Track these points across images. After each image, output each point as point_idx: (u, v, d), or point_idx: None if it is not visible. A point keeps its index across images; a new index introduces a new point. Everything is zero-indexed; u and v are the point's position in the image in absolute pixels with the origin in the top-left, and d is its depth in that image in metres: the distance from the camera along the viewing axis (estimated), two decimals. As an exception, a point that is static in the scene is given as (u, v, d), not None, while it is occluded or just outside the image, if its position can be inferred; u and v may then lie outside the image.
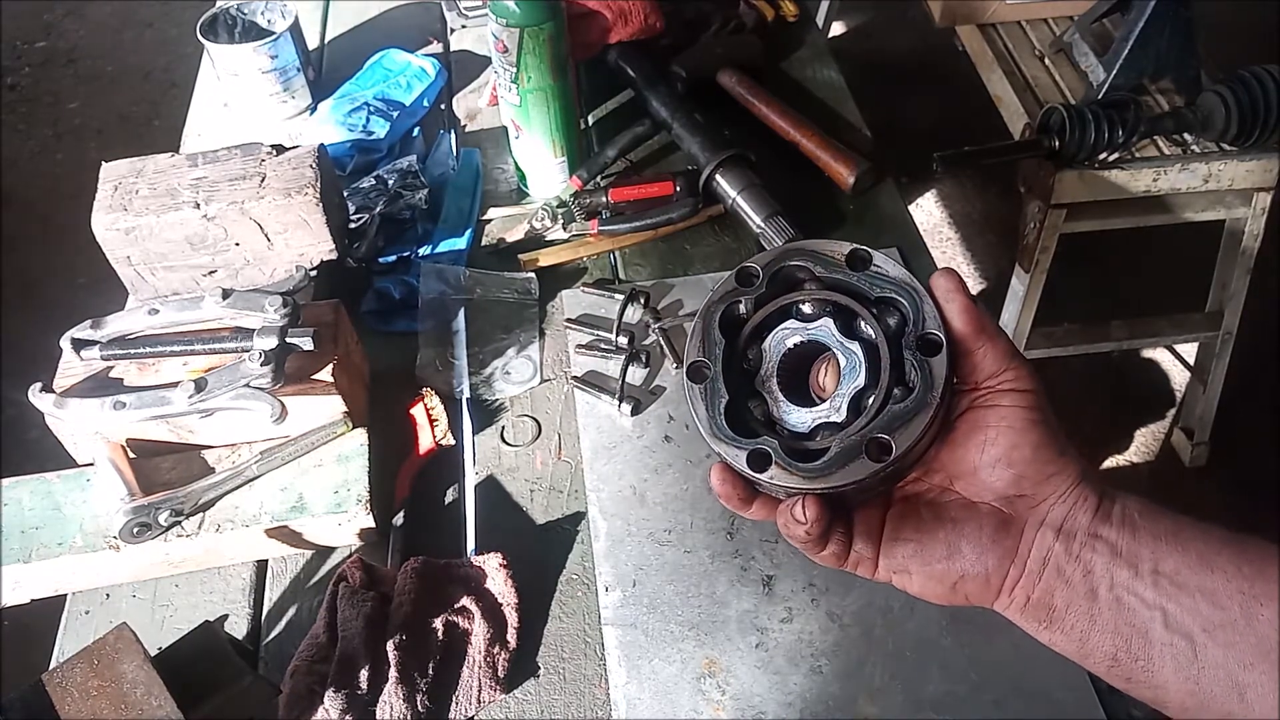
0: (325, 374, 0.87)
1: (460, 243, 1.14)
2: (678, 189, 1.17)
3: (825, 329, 0.49)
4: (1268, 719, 0.42)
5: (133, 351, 0.87)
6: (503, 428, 0.98)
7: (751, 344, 0.50)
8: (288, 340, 0.85)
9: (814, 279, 0.49)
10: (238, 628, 0.85)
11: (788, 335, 0.49)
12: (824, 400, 0.49)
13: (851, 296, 0.48)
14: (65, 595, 0.87)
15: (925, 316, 0.46)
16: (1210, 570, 0.44)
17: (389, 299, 1.08)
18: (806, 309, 0.49)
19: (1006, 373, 0.47)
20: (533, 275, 1.11)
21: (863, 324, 0.48)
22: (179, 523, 0.83)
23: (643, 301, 1.06)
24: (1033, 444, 0.47)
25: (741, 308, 0.50)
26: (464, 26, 1.49)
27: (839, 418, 0.47)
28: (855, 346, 0.48)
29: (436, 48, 1.46)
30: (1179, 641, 0.44)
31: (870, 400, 0.47)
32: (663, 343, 1.03)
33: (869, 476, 0.45)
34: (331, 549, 0.89)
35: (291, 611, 0.86)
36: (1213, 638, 0.44)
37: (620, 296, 1.06)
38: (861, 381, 0.47)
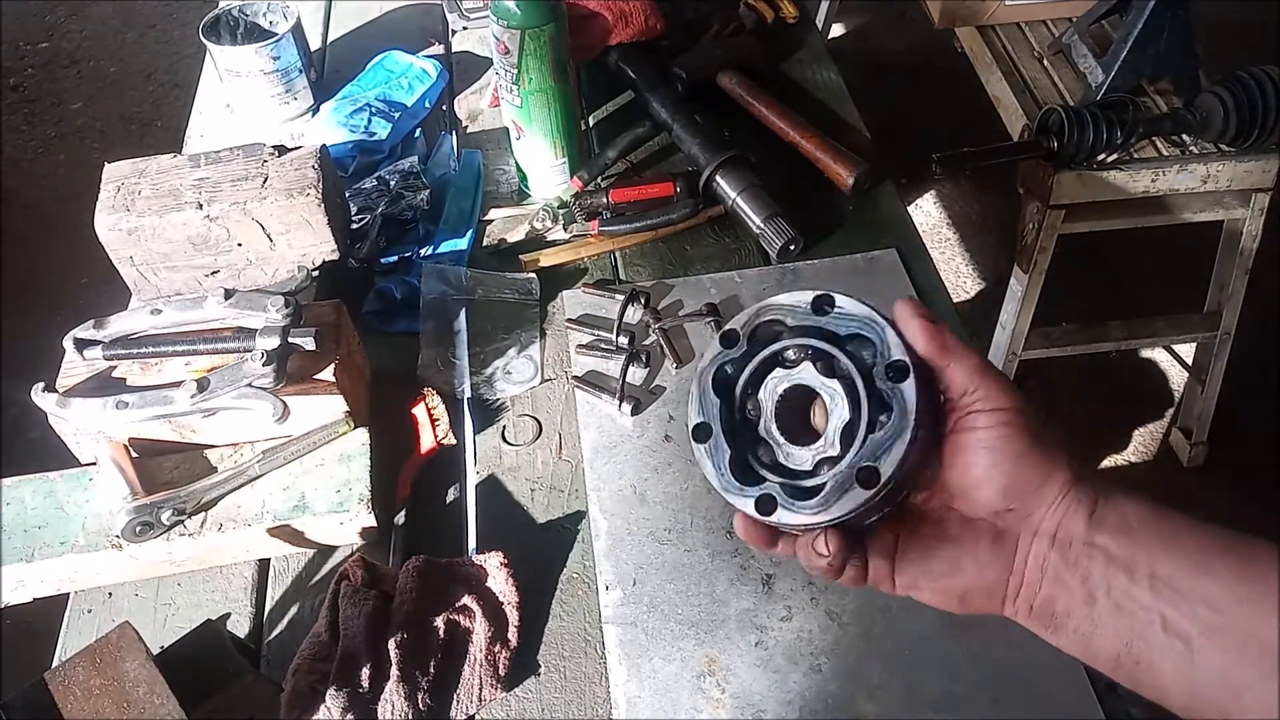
0: (327, 374, 0.87)
1: (461, 243, 1.14)
2: (678, 190, 1.17)
3: (807, 372, 0.52)
4: None
5: (135, 351, 0.88)
6: (504, 427, 0.99)
7: (750, 396, 0.54)
8: (290, 340, 0.85)
9: (788, 330, 0.53)
10: (240, 626, 0.85)
11: (778, 383, 0.53)
12: (820, 437, 0.52)
13: (824, 339, 0.51)
14: (68, 594, 0.88)
15: (890, 345, 0.49)
16: (1207, 574, 0.45)
17: (390, 299, 1.09)
18: (791, 355, 0.52)
19: (976, 391, 0.48)
20: (533, 276, 1.11)
21: (840, 362, 0.51)
22: (181, 522, 0.84)
23: (643, 302, 1.07)
24: (1011, 459, 0.48)
25: (730, 367, 0.54)
26: (465, 28, 1.49)
27: (834, 451, 0.50)
28: (835, 384, 0.50)
29: (438, 49, 1.47)
30: (1176, 644, 0.45)
31: (858, 431, 0.49)
32: (663, 343, 1.04)
33: (864, 504, 0.47)
34: (333, 548, 0.90)
35: (293, 610, 0.86)
36: (1210, 640, 0.44)
37: (620, 297, 1.06)
38: (846, 415, 0.50)
